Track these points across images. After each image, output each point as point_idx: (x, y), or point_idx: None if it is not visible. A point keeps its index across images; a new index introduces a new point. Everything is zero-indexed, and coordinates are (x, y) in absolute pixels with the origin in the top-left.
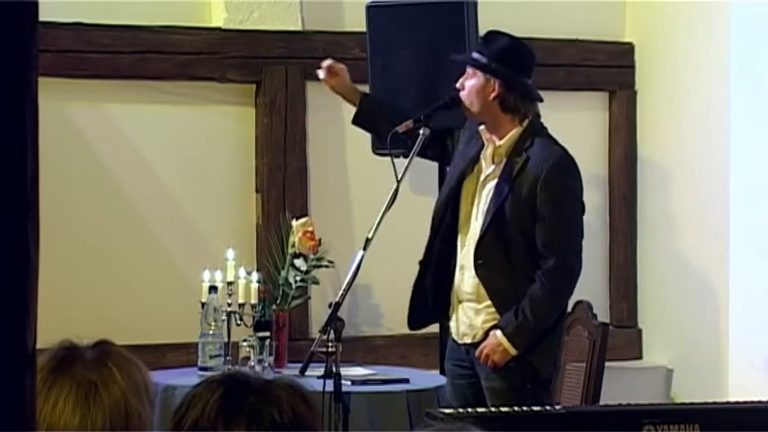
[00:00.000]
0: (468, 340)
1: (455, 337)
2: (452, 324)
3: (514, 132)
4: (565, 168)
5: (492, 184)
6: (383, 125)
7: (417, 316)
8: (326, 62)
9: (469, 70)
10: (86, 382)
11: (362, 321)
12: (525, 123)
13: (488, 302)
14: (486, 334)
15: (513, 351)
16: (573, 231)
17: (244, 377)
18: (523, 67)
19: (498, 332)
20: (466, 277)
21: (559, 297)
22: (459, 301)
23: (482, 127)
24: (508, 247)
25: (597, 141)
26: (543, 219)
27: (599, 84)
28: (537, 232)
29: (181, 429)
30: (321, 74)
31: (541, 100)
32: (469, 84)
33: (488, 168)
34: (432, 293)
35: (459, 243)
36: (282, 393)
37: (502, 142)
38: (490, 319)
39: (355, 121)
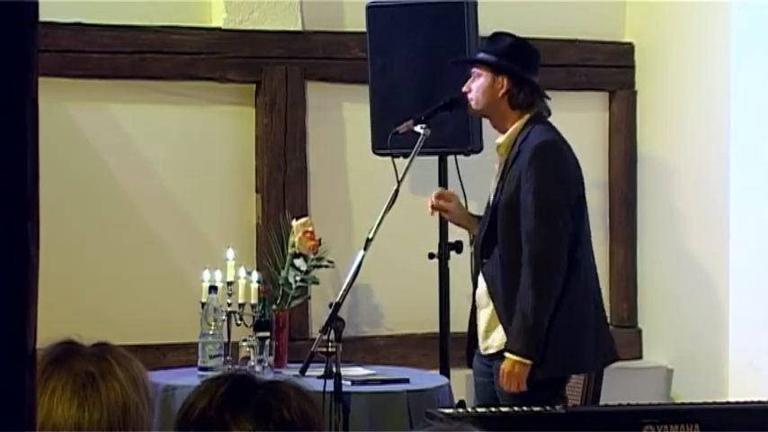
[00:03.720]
0: (480, 349)
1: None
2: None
3: (513, 129)
4: (547, 153)
5: (494, 185)
6: None
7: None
8: (435, 193)
9: (476, 71)
10: (84, 373)
11: (362, 321)
12: (524, 120)
13: (494, 308)
14: (502, 351)
15: (526, 361)
16: (552, 217)
17: (249, 375)
18: (530, 64)
19: (505, 353)
20: (480, 282)
21: (540, 287)
22: (478, 310)
23: (499, 139)
24: (506, 243)
25: (597, 141)
26: (523, 206)
27: (599, 84)
28: (521, 223)
29: (188, 422)
30: (429, 208)
31: (548, 97)
32: (476, 84)
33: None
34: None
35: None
36: (290, 392)
37: (502, 139)
38: (498, 336)
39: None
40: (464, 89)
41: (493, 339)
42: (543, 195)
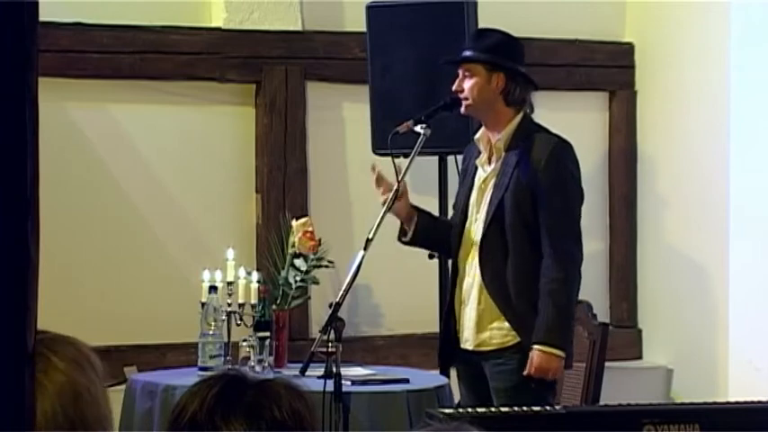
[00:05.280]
0: (469, 346)
1: (461, 345)
2: (460, 333)
3: (511, 126)
4: (565, 153)
5: (493, 181)
6: (439, 242)
7: (446, 356)
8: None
9: (467, 71)
10: None
11: (362, 321)
12: (520, 117)
13: (488, 303)
14: (500, 348)
15: (560, 353)
16: (573, 217)
17: (241, 374)
18: (520, 58)
19: (536, 347)
20: (468, 277)
21: (571, 283)
22: (464, 306)
23: (478, 135)
24: (511, 238)
25: (597, 141)
26: (545, 204)
27: (599, 84)
28: (540, 218)
29: (179, 425)
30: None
31: (538, 87)
32: (470, 83)
33: (488, 169)
34: (446, 319)
35: (460, 254)
36: (281, 391)
37: (500, 136)
38: (498, 333)
39: (408, 242)
40: (455, 88)
41: (491, 336)
42: (568, 194)
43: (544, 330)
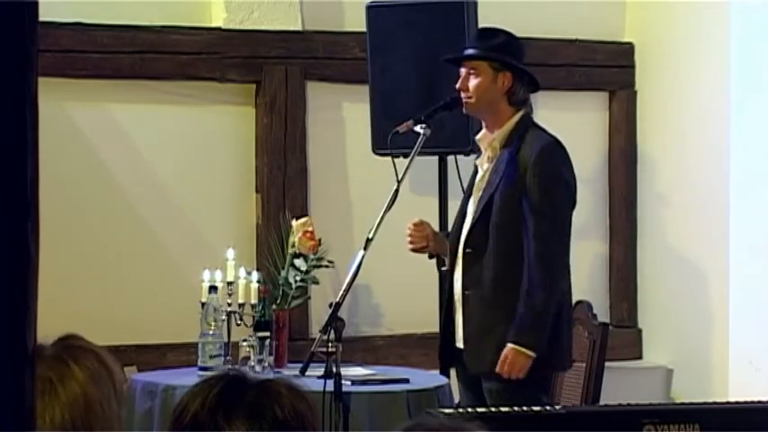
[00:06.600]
0: (461, 345)
1: (457, 344)
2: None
3: (508, 124)
4: (555, 154)
5: (486, 180)
6: None
7: (446, 357)
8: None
9: (472, 69)
10: (42, 379)
11: (362, 321)
12: (518, 116)
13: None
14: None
15: (530, 353)
16: (559, 217)
17: (241, 374)
18: (522, 58)
19: (508, 344)
20: (458, 275)
21: (550, 283)
22: (459, 306)
23: (479, 135)
24: (497, 234)
25: (597, 141)
26: (531, 202)
27: (599, 84)
28: (526, 217)
29: (181, 425)
30: (410, 247)
31: (539, 88)
32: (475, 82)
33: (485, 168)
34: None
35: (458, 254)
36: (283, 390)
37: (495, 134)
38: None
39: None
40: (459, 86)
41: None
42: (555, 195)
43: (516, 330)
